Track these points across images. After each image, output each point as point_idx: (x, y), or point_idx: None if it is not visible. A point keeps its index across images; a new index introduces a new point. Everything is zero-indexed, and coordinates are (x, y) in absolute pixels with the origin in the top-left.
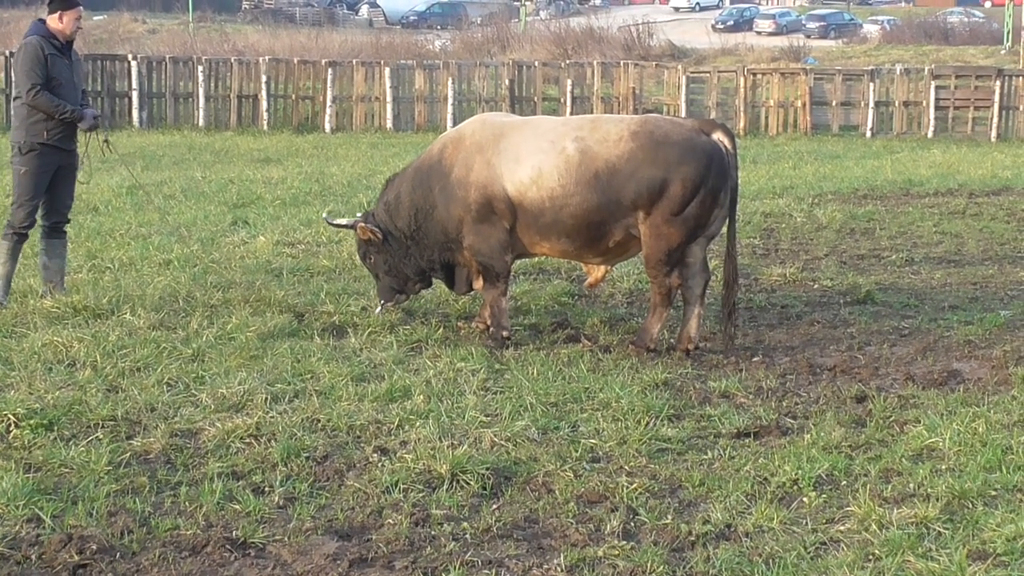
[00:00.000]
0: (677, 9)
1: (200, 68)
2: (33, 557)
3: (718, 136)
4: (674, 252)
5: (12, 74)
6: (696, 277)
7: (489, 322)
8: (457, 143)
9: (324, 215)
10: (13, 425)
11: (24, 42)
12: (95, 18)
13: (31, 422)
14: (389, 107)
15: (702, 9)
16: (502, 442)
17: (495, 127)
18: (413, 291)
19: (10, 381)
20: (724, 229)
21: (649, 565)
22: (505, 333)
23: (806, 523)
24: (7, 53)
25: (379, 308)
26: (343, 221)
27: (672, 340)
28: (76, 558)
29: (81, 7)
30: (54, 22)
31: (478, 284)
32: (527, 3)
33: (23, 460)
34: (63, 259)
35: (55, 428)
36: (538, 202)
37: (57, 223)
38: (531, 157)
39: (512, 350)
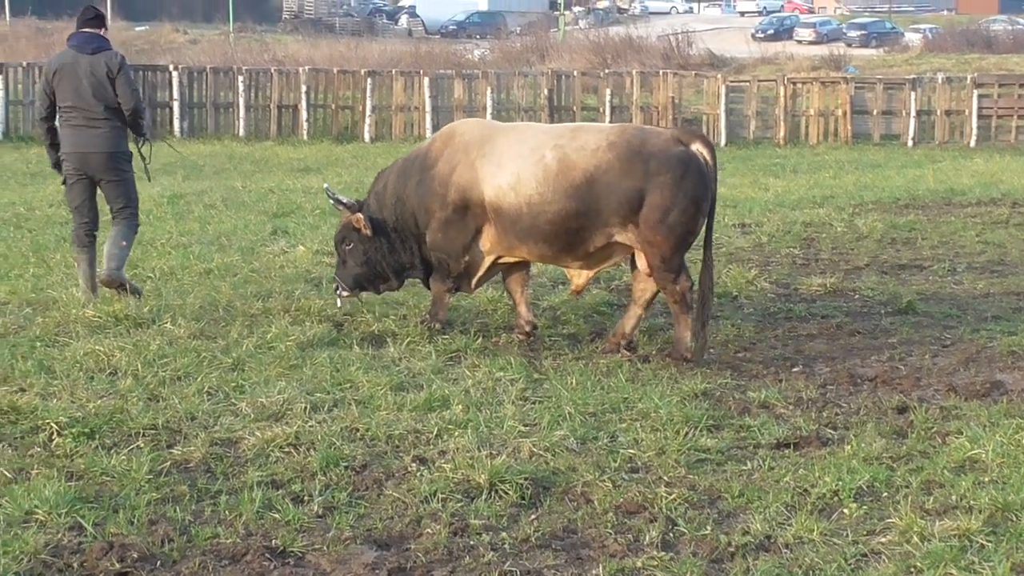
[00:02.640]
0: (743, 14)
1: (240, 78)
2: (75, 565)
3: (696, 147)
4: (670, 259)
5: (110, 87)
6: (648, 282)
7: (428, 312)
8: (447, 139)
9: (326, 185)
10: (56, 433)
11: (120, 56)
12: (137, 29)
13: (73, 430)
14: (428, 116)
15: (768, 13)
16: (541, 452)
17: (484, 130)
18: (376, 290)
19: (53, 390)
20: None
21: None
22: (438, 325)
23: (847, 535)
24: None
25: (338, 297)
26: (345, 199)
27: (710, 350)
28: (117, 566)
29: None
30: (107, 35)
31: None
32: (566, 12)
33: (65, 468)
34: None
35: (97, 436)
36: (516, 207)
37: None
38: (512, 163)
39: (550, 360)
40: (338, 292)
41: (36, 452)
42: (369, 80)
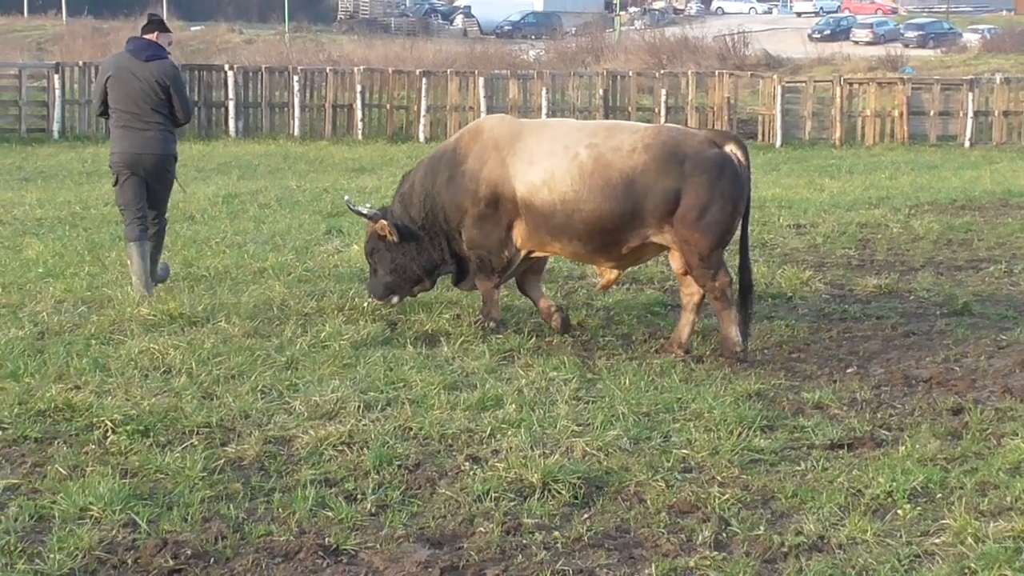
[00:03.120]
0: (799, 14)
1: (296, 78)
2: (129, 561)
3: (730, 148)
4: (708, 257)
5: (163, 95)
6: (695, 286)
7: (481, 312)
8: (475, 135)
9: (346, 198)
10: (110, 431)
11: (174, 67)
12: (192, 29)
13: (128, 428)
14: (483, 116)
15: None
16: (594, 451)
17: (513, 126)
18: (410, 293)
19: (108, 387)
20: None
21: None
22: (492, 324)
23: (900, 536)
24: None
25: (367, 301)
26: (364, 210)
27: (764, 350)
28: (171, 563)
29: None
30: (160, 41)
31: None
32: (622, 13)
33: (120, 466)
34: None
35: (151, 434)
36: (549, 204)
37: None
38: (544, 160)
39: (604, 360)
40: (372, 299)
41: (91, 449)
42: (424, 80)
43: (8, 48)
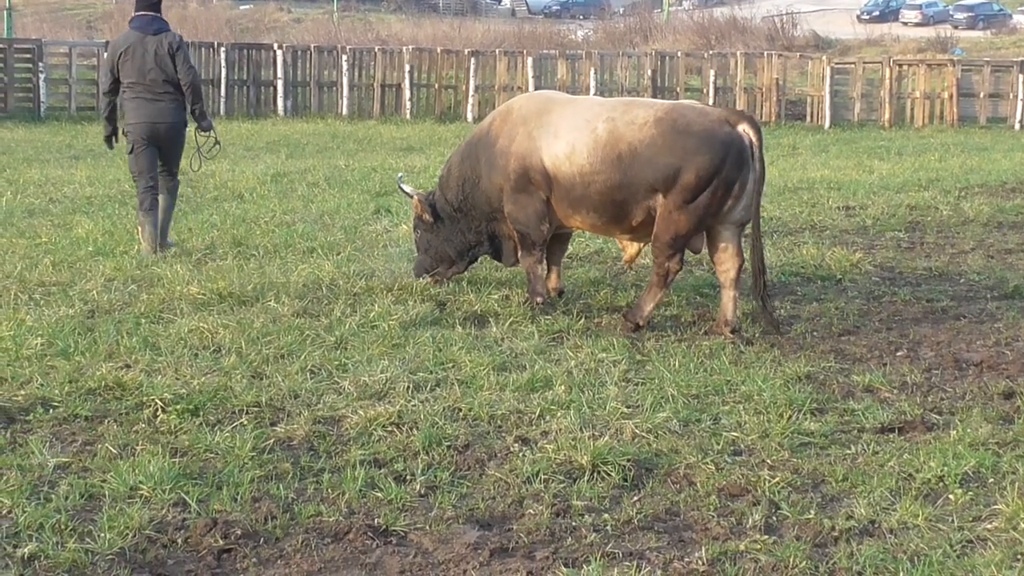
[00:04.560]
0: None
1: (344, 57)
2: (179, 541)
3: (743, 127)
4: (680, 238)
5: (171, 63)
6: (729, 262)
7: (527, 291)
8: (505, 115)
9: (399, 175)
10: (160, 410)
11: (178, 36)
12: (242, 7)
13: (178, 407)
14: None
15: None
16: (643, 434)
17: (541, 102)
18: (445, 274)
19: (157, 366)
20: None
21: (791, 560)
22: (540, 299)
23: (952, 521)
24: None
25: (410, 278)
26: (408, 188)
27: (814, 332)
28: (221, 543)
29: None
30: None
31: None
32: None
33: (170, 445)
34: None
35: (201, 413)
36: (570, 177)
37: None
38: (568, 134)
39: (653, 342)
40: (416, 277)
41: (141, 428)
42: (472, 60)
43: (58, 26)
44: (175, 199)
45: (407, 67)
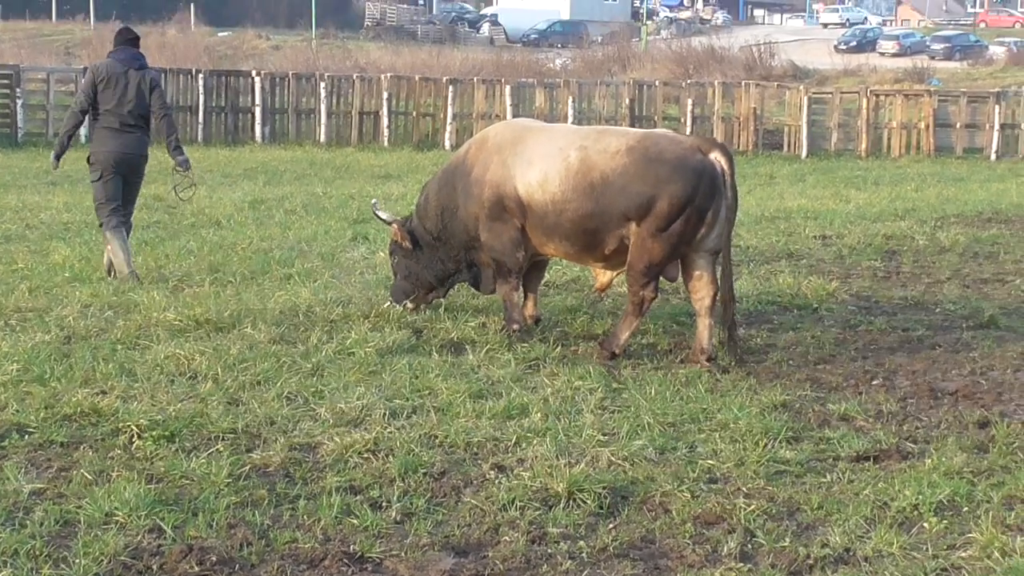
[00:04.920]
0: (825, 25)
1: (323, 84)
2: (154, 567)
3: (715, 155)
4: (654, 266)
5: (147, 99)
6: (704, 289)
7: (504, 318)
8: (481, 144)
9: (373, 201)
10: (136, 436)
11: (156, 74)
12: (220, 34)
13: (153, 433)
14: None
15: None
16: (619, 461)
17: (516, 130)
18: (424, 300)
19: (134, 392)
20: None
21: None
22: (516, 327)
23: (927, 549)
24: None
25: (387, 304)
26: (384, 215)
27: (790, 361)
28: (196, 569)
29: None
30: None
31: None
32: (648, 22)
33: (145, 471)
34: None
35: (177, 439)
36: (542, 205)
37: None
38: (541, 162)
39: (630, 369)
40: (392, 304)
41: (117, 454)
42: (451, 88)
43: (36, 52)
44: (129, 234)
45: (385, 94)
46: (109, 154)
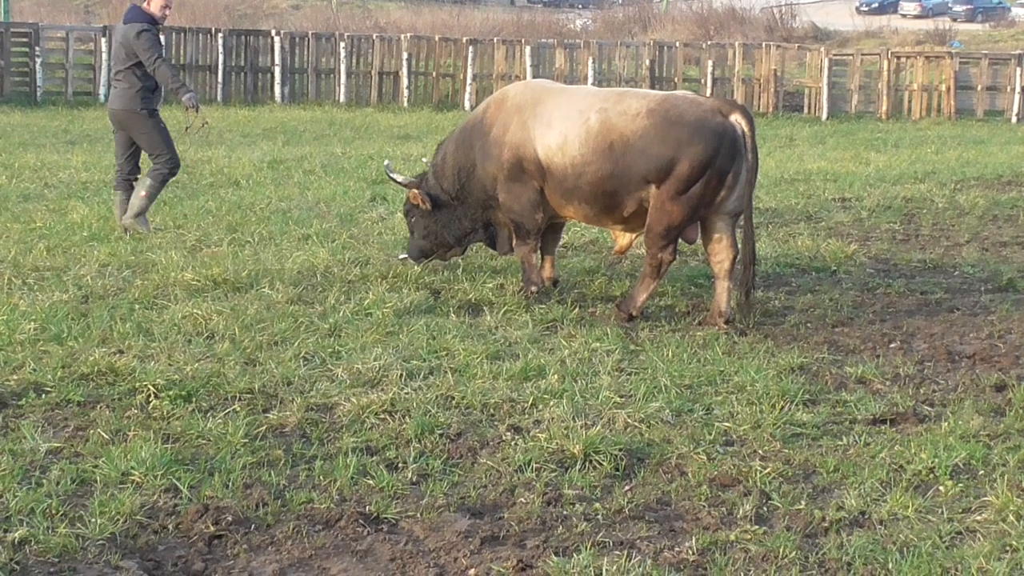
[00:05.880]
0: None
1: (342, 44)
2: (170, 527)
3: (735, 117)
4: (673, 229)
5: (133, 53)
6: (724, 252)
7: (522, 280)
8: (499, 104)
9: (386, 163)
10: (153, 396)
11: (137, 27)
12: None
13: (170, 393)
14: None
15: None
16: (635, 423)
17: (536, 91)
18: (443, 257)
19: (151, 352)
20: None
21: (781, 550)
22: (534, 289)
23: (942, 512)
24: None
25: (400, 258)
26: (399, 178)
27: (807, 324)
28: (212, 529)
29: None
30: (150, 6)
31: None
32: None
33: (162, 431)
34: (151, 200)
35: (193, 400)
36: (562, 167)
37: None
38: (560, 124)
39: (647, 332)
40: (401, 256)
41: (133, 414)
42: (471, 48)
43: (55, 11)
44: (158, 183)
45: (405, 55)
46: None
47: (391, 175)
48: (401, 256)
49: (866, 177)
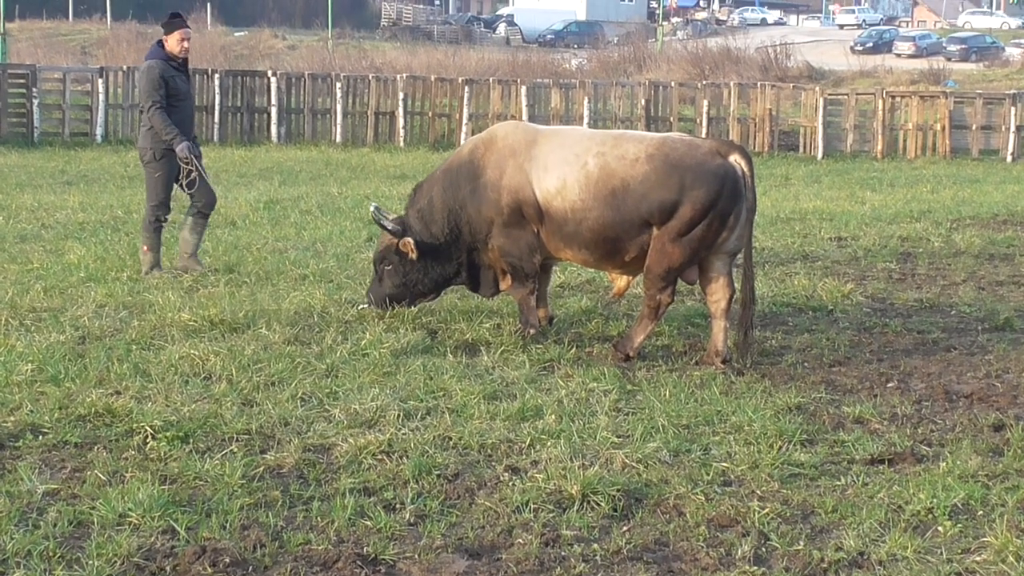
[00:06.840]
0: (842, 27)
1: (338, 84)
2: (167, 568)
3: (734, 158)
4: (673, 271)
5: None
6: (720, 292)
7: (519, 321)
8: (489, 145)
9: (373, 207)
10: (150, 437)
11: (145, 64)
12: (236, 34)
13: (167, 434)
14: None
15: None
16: (633, 463)
17: (528, 133)
18: (411, 304)
19: (148, 393)
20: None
21: None
22: (532, 331)
23: (941, 553)
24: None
25: (360, 308)
26: (390, 225)
27: (804, 364)
28: (209, 570)
29: (185, 28)
30: (167, 44)
31: (505, 285)
32: (664, 23)
33: (159, 472)
34: (199, 237)
35: (191, 441)
36: (561, 212)
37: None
38: (557, 168)
39: (644, 371)
40: (361, 307)
41: (130, 455)
42: (467, 88)
43: (53, 52)
44: (145, 231)
45: (401, 95)
46: None
47: (381, 222)
48: (361, 307)
49: (862, 216)
